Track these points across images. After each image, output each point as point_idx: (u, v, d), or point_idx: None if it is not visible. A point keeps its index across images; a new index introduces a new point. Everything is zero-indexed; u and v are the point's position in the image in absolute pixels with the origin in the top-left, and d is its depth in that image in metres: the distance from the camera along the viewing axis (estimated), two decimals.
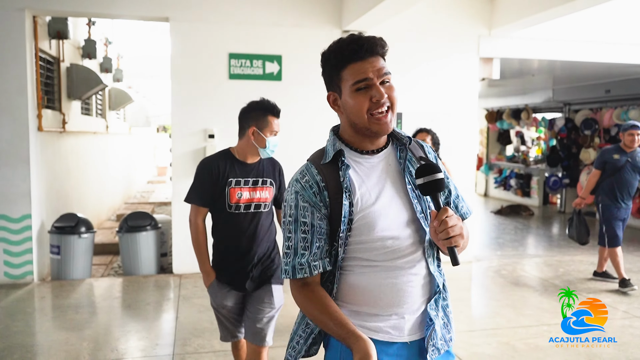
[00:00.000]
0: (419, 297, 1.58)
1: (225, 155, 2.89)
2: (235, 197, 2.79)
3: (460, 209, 1.70)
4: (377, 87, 1.50)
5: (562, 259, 7.26)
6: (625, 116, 9.74)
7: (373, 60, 1.51)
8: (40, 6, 5.77)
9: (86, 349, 4.11)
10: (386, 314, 1.56)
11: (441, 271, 1.65)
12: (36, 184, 5.88)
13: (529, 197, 12.76)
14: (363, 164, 1.59)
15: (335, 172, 1.55)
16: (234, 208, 2.80)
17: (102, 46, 9.64)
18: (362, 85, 1.50)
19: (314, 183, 1.55)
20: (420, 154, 1.66)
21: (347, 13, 6.16)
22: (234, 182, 2.80)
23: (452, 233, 1.41)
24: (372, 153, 1.60)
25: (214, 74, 6.13)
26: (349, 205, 1.51)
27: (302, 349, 1.63)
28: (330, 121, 7.27)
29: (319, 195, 1.53)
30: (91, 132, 9.14)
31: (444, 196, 1.67)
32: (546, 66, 9.07)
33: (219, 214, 2.85)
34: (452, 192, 1.69)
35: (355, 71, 1.50)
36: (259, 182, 2.86)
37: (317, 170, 1.57)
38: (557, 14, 5.92)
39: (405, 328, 1.57)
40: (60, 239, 5.87)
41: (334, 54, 1.56)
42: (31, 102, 5.76)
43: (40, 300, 5.39)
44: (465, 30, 6.77)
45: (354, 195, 1.53)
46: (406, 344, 1.58)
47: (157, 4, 5.97)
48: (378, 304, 1.55)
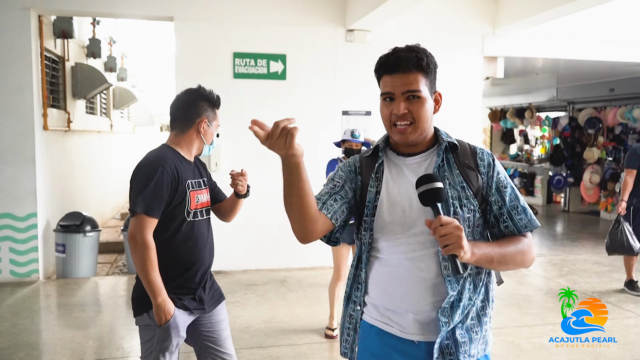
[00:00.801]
0: (426, 297, 1.59)
1: (172, 152, 2.39)
2: (194, 202, 2.37)
3: (517, 222, 1.63)
4: (397, 102, 1.59)
5: (566, 258, 7.25)
6: (630, 115, 9.72)
7: (401, 76, 1.58)
8: (46, 5, 5.80)
9: (91, 347, 4.13)
10: (392, 307, 1.63)
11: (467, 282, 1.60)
12: (42, 183, 5.91)
13: (532, 196, 12.74)
14: (397, 164, 1.70)
15: (373, 165, 1.71)
16: (192, 215, 2.35)
17: (106, 45, 9.67)
18: (387, 97, 1.62)
19: (353, 166, 1.76)
20: (466, 161, 1.65)
21: (352, 12, 6.16)
22: (192, 183, 2.37)
23: (446, 242, 1.41)
24: (409, 155, 1.68)
25: (218, 73, 6.14)
26: (375, 192, 1.66)
27: (354, 339, 1.73)
28: (333, 120, 7.26)
29: (354, 175, 1.73)
30: (95, 131, 9.17)
31: (497, 205, 1.63)
32: (550, 65, 9.04)
33: (176, 225, 2.31)
34: (505, 201, 1.63)
35: (383, 84, 1.63)
36: (204, 182, 2.47)
37: (359, 160, 1.77)
38: (561, 13, 5.91)
39: (409, 326, 1.60)
40: (66, 238, 5.90)
41: (376, 66, 1.66)
42: (37, 101, 5.79)
43: (46, 299, 5.42)
44: (469, 29, 6.77)
45: (382, 186, 1.66)
46: (413, 343, 1.60)
47: (162, 3, 5.99)
48: (385, 297, 1.64)
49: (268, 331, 4.37)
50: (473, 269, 1.62)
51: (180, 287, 2.33)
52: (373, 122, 6.46)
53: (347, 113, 6.44)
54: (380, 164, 1.70)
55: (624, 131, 10.53)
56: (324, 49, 6.31)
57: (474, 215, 1.61)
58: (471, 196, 1.60)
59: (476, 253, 1.49)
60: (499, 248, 1.58)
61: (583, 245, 8.07)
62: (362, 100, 6.48)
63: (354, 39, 6.31)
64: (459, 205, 1.59)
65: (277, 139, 1.40)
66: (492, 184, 1.63)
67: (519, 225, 1.63)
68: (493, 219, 1.64)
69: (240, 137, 6.21)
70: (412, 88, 1.57)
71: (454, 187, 1.61)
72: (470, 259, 1.47)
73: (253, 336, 4.27)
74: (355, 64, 6.38)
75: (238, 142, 6.18)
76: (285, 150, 1.41)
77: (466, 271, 1.60)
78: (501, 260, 1.58)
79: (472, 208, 1.60)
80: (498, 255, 1.56)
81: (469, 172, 1.63)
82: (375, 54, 6.69)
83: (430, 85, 1.62)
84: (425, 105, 1.59)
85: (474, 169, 1.64)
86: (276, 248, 6.19)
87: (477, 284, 1.64)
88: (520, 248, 1.61)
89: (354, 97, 6.44)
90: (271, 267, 6.26)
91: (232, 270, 6.18)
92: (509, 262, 1.60)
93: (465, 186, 1.61)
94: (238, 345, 4.06)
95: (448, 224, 1.42)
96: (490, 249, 1.55)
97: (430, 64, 1.60)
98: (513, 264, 1.63)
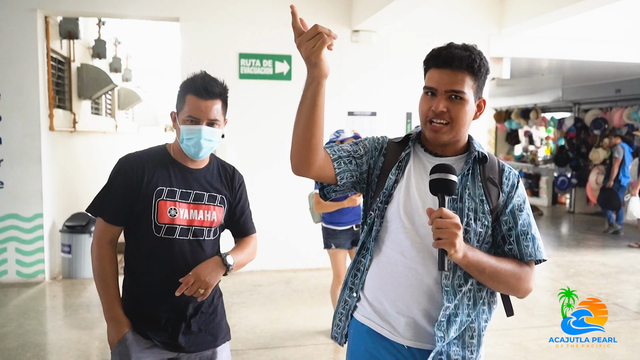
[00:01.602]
0: (420, 303, 1.55)
1: (157, 152, 2.02)
2: (165, 214, 1.92)
3: (523, 248, 1.57)
4: (438, 99, 1.54)
5: (572, 259, 7.22)
6: (636, 116, 9.68)
7: (449, 72, 1.53)
8: (52, 6, 5.81)
9: (97, 348, 4.13)
10: (385, 307, 1.60)
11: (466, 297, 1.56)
12: (48, 183, 5.92)
13: (537, 197, 12.70)
14: (422, 161, 1.65)
15: (399, 153, 1.68)
16: (163, 231, 1.92)
17: (111, 46, 9.68)
18: (429, 92, 1.57)
19: (380, 145, 1.72)
20: (492, 175, 1.60)
21: (357, 13, 6.15)
22: (166, 192, 1.94)
23: (440, 235, 1.39)
24: (438, 156, 1.64)
25: (224, 74, 5.99)
26: (394, 181, 1.63)
27: (345, 325, 1.71)
28: (339, 121, 7.23)
29: (378, 153, 1.70)
30: (101, 132, 9.18)
31: (507, 226, 1.58)
32: (555, 66, 9.02)
33: (140, 239, 1.96)
34: (517, 224, 1.58)
35: (429, 77, 1.58)
36: (204, 197, 2.00)
37: (388, 142, 1.73)
38: (567, 14, 5.88)
39: (400, 329, 1.57)
40: (72, 238, 5.91)
41: (428, 55, 1.62)
42: (43, 101, 5.80)
43: (52, 299, 5.42)
44: (475, 29, 6.75)
45: (402, 176, 1.63)
46: (403, 347, 1.57)
47: (168, 4, 5.99)
48: (380, 294, 1.61)
49: (274, 332, 4.37)
50: (474, 285, 1.58)
51: (146, 315, 1.96)
52: (378, 122, 6.46)
53: (353, 114, 6.43)
54: (407, 155, 1.66)
55: (630, 132, 10.49)
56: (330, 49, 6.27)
57: (485, 231, 1.57)
58: (487, 212, 1.56)
59: (468, 256, 1.45)
60: (495, 262, 1.52)
61: (589, 247, 8.04)
62: (367, 101, 6.47)
63: (360, 39, 6.30)
64: (474, 218, 1.55)
65: (309, 39, 1.40)
66: (509, 204, 1.58)
67: (523, 252, 1.57)
68: (500, 239, 1.59)
69: (246, 138, 6.22)
70: (457, 88, 1.52)
71: (473, 198, 1.56)
72: (461, 260, 1.44)
73: (259, 337, 4.27)
74: (361, 65, 6.37)
75: (244, 143, 6.18)
76: (310, 54, 1.41)
77: (466, 285, 1.56)
78: (493, 276, 1.52)
79: (485, 223, 1.56)
80: (491, 268, 1.51)
81: (491, 187, 1.58)
82: (380, 54, 6.72)
83: (476, 90, 1.57)
84: (466, 108, 1.54)
85: (497, 185, 1.59)
86: (282, 249, 6.19)
87: (477, 301, 1.59)
88: (517, 272, 1.55)
89: (359, 98, 6.43)
90: (277, 268, 6.26)
91: (238, 272, 6.17)
92: (502, 281, 1.54)
93: (485, 200, 1.56)
94: (244, 346, 4.07)
95: (448, 218, 1.39)
96: (486, 260, 1.50)
97: (482, 67, 1.55)
98: (505, 286, 1.57)
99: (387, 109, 6.51)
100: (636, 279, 6.05)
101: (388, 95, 6.47)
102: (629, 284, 5.68)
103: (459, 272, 1.54)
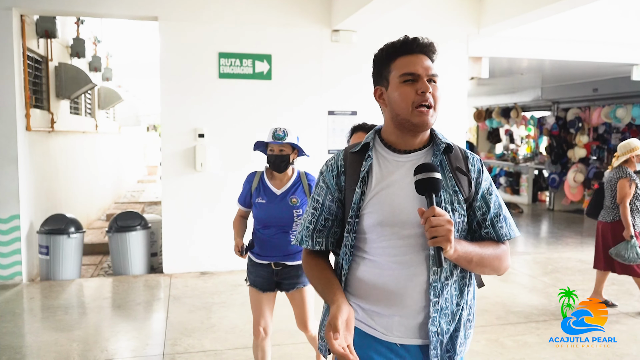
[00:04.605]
0: (415, 301, 1.57)
1: None
2: None
3: (498, 229, 1.62)
4: (423, 81, 1.55)
5: (550, 256, 7.33)
6: (613, 114, 9.85)
7: (423, 57, 1.58)
8: (28, 5, 5.73)
9: (76, 350, 4.09)
10: (376, 310, 1.60)
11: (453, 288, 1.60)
12: (25, 184, 5.84)
13: (518, 195, 12.86)
14: (389, 161, 1.63)
15: (360, 162, 1.64)
16: None
17: (91, 45, 9.59)
18: (410, 78, 1.56)
19: (335, 167, 1.68)
20: (459, 165, 1.62)
21: (337, 12, 6.17)
22: None
23: (435, 233, 1.41)
24: (403, 153, 1.63)
25: (203, 73, 6.12)
26: (360, 194, 1.60)
27: None
28: (319, 118, 7.24)
29: (337, 179, 1.66)
30: (80, 132, 9.08)
31: (481, 212, 1.61)
32: (535, 65, 9.13)
33: None
34: (489, 208, 1.62)
35: (405, 64, 1.57)
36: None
37: (343, 157, 1.69)
38: (544, 14, 5.96)
39: (394, 328, 1.59)
40: (49, 239, 5.84)
41: (385, 48, 1.62)
42: (19, 101, 5.72)
43: (30, 301, 5.36)
44: (454, 29, 6.81)
45: (368, 186, 1.60)
46: (395, 345, 1.59)
47: (146, 3, 5.95)
48: (370, 299, 1.61)
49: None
50: (458, 275, 1.61)
51: None
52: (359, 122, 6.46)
53: (333, 113, 6.45)
54: (369, 162, 1.62)
55: (608, 130, 10.66)
56: (310, 49, 6.30)
57: (463, 221, 1.59)
58: (462, 201, 1.58)
59: (458, 250, 1.48)
60: (480, 250, 1.56)
61: (567, 244, 8.16)
62: (348, 101, 6.49)
63: (340, 39, 6.32)
64: (451, 210, 1.56)
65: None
66: (479, 190, 1.61)
67: (499, 233, 1.62)
68: (476, 224, 1.63)
69: (226, 137, 6.21)
70: (435, 72, 1.57)
71: (447, 190, 1.57)
72: (452, 255, 1.47)
73: (238, 337, 4.27)
74: (341, 64, 6.39)
75: (224, 142, 6.17)
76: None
77: (452, 277, 1.59)
78: (479, 263, 1.57)
79: (462, 213, 1.58)
80: (477, 256, 1.55)
81: (461, 176, 1.60)
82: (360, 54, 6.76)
83: None
84: (440, 92, 1.59)
85: (466, 174, 1.61)
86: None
87: (462, 289, 1.63)
88: (498, 254, 1.61)
89: (339, 97, 6.45)
90: None
91: (218, 272, 6.17)
92: (487, 265, 1.59)
93: (458, 190, 1.58)
94: (223, 346, 4.06)
95: (440, 216, 1.42)
96: (472, 249, 1.54)
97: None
98: (489, 269, 1.62)
99: (368, 109, 6.52)
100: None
101: (368, 94, 6.42)
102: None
103: (445, 266, 1.57)
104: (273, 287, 3.14)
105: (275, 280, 3.12)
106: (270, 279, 3.11)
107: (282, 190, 3.10)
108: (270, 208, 3.06)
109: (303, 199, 3.09)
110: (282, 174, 3.11)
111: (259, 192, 3.11)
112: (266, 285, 3.12)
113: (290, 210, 3.05)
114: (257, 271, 3.13)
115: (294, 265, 3.11)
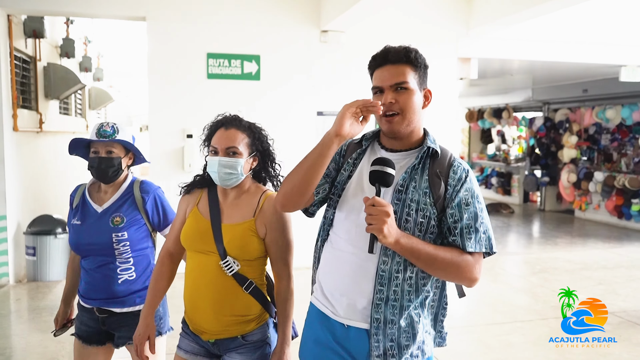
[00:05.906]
0: (362, 286, 1.65)
1: None
2: None
3: (466, 240, 1.60)
4: (385, 93, 1.66)
5: (540, 256, 7.36)
6: (603, 115, 9.90)
7: (389, 67, 1.66)
8: (15, 5, 5.71)
9: (62, 351, 4.07)
10: (332, 290, 1.72)
11: (406, 283, 1.63)
12: (12, 185, 5.82)
13: (509, 195, 12.91)
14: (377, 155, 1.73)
15: (355, 151, 1.80)
16: None
17: (81, 45, 9.54)
18: (377, 91, 1.70)
19: (341, 149, 1.84)
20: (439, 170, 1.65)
21: (326, 13, 6.17)
22: None
23: (370, 221, 1.49)
24: (393, 151, 1.73)
25: (192, 74, 6.11)
26: (347, 176, 1.76)
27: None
28: (308, 119, 7.22)
29: (339, 156, 1.82)
30: (70, 132, 9.03)
31: (453, 219, 1.61)
32: (526, 66, 9.16)
33: None
34: (462, 218, 1.61)
35: (375, 77, 1.71)
36: None
37: (347, 144, 1.85)
38: (533, 15, 5.98)
39: (342, 310, 1.68)
40: (36, 240, 5.82)
41: (370, 61, 1.74)
42: (6, 101, 5.70)
43: (16, 302, 5.34)
44: (443, 30, 6.82)
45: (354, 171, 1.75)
46: (343, 326, 1.68)
47: (134, 3, 5.93)
48: (327, 279, 1.75)
49: None
50: (418, 273, 1.65)
51: None
52: None
53: (322, 114, 6.45)
54: (362, 152, 1.78)
55: (598, 131, 10.71)
56: (299, 49, 6.31)
57: (428, 222, 1.62)
58: (430, 203, 1.62)
59: (401, 242, 1.53)
60: (432, 250, 1.58)
61: (557, 244, 8.20)
62: (336, 101, 6.49)
63: (328, 39, 6.33)
64: (415, 209, 1.62)
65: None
66: (455, 198, 1.62)
67: (465, 244, 1.61)
68: (446, 230, 1.64)
69: None
70: (400, 80, 1.64)
71: (418, 190, 1.63)
72: (393, 245, 1.53)
73: None
74: (330, 65, 6.40)
75: None
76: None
77: (406, 272, 1.63)
78: (429, 262, 1.58)
79: (427, 214, 1.62)
80: (427, 255, 1.56)
81: (435, 180, 1.64)
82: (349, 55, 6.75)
83: (419, 80, 1.68)
84: (413, 97, 1.65)
85: (440, 178, 1.64)
86: None
87: (419, 288, 1.66)
88: (456, 260, 1.59)
89: (328, 98, 6.45)
90: None
91: None
92: (439, 267, 1.59)
93: (428, 192, 1.63)
94: None
95: (379, 206, 1.49)
96: (422, 247, 1.56)
97: (418, 58, 1.68)
98: (444, 273, 1.63)
99: None
100: (598, 275, 6.19)
101: (357, 95, 6.46)
102: (591, 280, 5.81)
103: (397, 259, 1.62)
104: (103, 340, 2.36)
105: (104, 329, 2.34)
106: (98, 329, 2.33)
107: (104, 207, 2.30)
108: (83, 230, 2.28)
109: (132, 217, 2.29)
110: (110, 185, 2.33)
111: (77, 211, 2.32)
112: (93, 337, 2.34)
113: (108, 233, 2.24)
114: (81, 317, 2.38)
115: (123, 312, 2.29)
